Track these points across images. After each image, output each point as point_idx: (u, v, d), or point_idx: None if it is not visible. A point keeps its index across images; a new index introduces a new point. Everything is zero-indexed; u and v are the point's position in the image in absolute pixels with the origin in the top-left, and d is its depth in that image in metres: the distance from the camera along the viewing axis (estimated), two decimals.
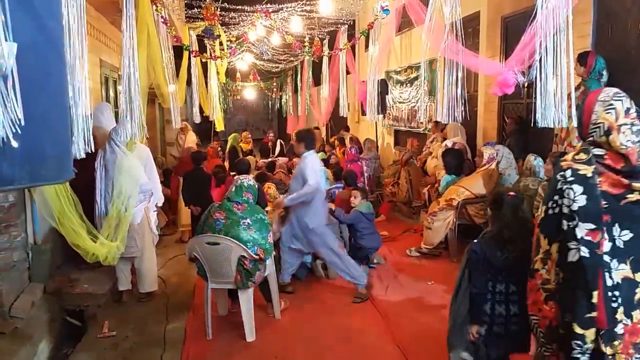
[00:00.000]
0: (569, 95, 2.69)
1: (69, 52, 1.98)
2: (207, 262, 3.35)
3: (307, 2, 6.80)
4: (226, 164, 9.16)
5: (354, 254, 4.42)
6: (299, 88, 12.04)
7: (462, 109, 3.73)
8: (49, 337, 3.48)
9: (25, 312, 3.34)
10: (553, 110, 2.65)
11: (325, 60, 9.03)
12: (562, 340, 1.66)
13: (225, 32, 8.31)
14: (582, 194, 1.58)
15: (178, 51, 6.94)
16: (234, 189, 3.47)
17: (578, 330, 1.57)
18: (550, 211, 1.67)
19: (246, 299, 3.36)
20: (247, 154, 9.58)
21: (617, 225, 1.60)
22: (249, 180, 3.58)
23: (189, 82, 7.80)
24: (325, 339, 3.38)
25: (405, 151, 7.43)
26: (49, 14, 0.93)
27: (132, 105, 3.58)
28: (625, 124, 1.61)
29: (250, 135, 10.64)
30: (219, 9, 6.69)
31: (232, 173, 7.01)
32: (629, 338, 1.61)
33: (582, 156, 1.64)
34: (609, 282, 1.58)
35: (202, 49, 8.79)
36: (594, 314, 1.55)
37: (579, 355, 1.59)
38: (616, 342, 1.58)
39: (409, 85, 7.86)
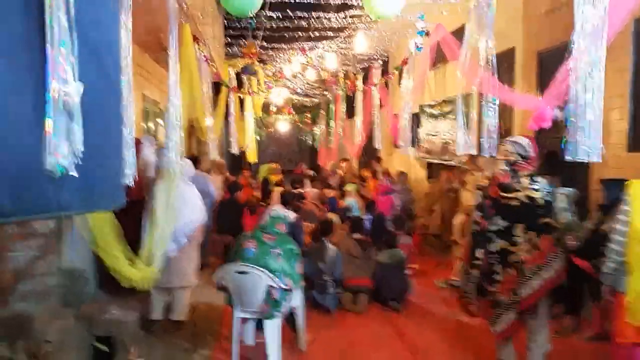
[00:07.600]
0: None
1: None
2: (236, 290, 3.37)
3: (343, 41, 7.00)
4: (258, 193, 9.27)
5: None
6: (331, 121, 12.21)
7: (498, 142, 3.68)
8: None
9: (57, 337, 3.42)
10: (584, 145, 2.56)
11: (359, 94, 9.19)
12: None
13: (262, 68, 8.62)
14: None
15: (216, 85, 7.24)
16: (268, 219, 3.50)
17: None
18: None
19: (272, 330, 3.34)
20: (277, 185, 9.63)
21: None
22: (283, 211, 3.62)
23: (226, 116, 8.08)
24: None
25: (444, 181, 7.32)
26: (111, 63, 1.06)
27: (173, 138, 3.71)
28: None
29: (278, 167, 10.66)
30: (258, 47, 6.98)
31: (261, 203, 7.10)
32: (502, 285, 2.82)
33: None
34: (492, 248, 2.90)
35: (240, 84, 9.11)
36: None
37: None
38: (496, 285, 2.85)
39: (442, 118, 7.86)
